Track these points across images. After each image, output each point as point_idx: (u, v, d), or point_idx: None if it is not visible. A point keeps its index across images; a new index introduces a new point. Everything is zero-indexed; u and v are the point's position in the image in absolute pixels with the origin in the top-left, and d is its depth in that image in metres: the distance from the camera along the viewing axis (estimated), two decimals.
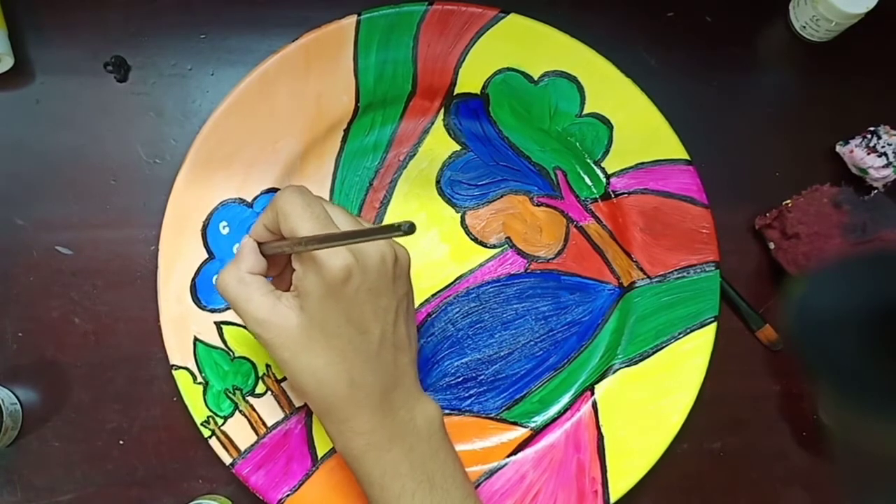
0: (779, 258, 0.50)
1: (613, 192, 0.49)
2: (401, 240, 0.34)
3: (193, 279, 0.46)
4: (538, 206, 0.50)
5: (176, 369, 0.45)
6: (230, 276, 0.39)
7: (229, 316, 0.46)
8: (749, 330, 0.51)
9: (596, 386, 0.48)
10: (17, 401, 0.47)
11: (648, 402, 0.47)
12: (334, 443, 0.39)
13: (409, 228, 0.30)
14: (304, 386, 0.38)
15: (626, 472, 0.46)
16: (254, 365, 0.46)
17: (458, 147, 0.49)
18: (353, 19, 0.47)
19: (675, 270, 0.48)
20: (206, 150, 0.46)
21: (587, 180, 0.50)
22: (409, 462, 0.38)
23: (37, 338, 0.48)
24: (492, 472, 0.46)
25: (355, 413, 0.38)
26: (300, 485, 0.45)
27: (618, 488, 0.46)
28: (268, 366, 0.46)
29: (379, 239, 0.34)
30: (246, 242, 0.40)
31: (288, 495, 0.45)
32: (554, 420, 0.48)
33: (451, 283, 0.49)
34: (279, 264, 0.41)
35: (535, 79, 0.49)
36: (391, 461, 0.38)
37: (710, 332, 0.47)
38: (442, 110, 0.49)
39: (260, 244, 0.40)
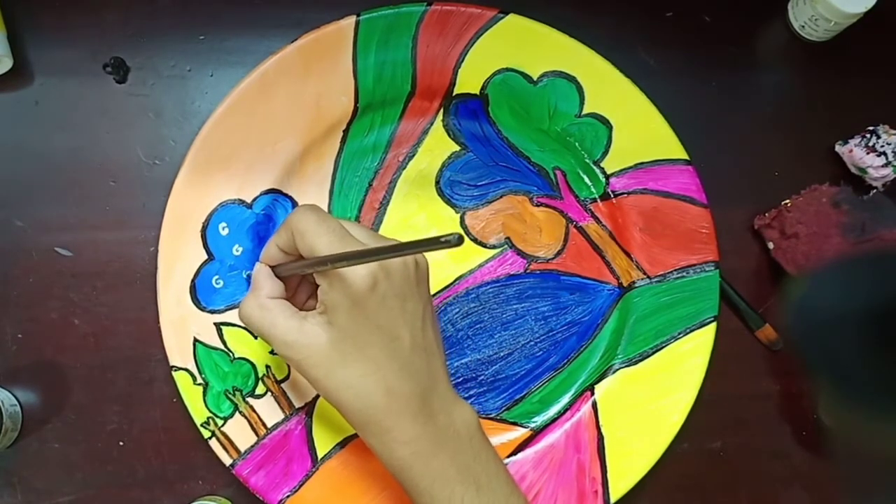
0: (778, 258, 0.50)
1: (613, 192, 0.49)
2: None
3: (193, 280, 0.46)
4: (538, 206, 0.50)
5: (176, 370, 0.45)
6: (251, 305, 0.38)
7: (229, 317, 0.46)
8: (749, 330, 0.51)
9: (596, 386, 0.48)
10: (16, 402, 0.47)
11: (648, 402, 0.47)
12: (380, 457, 0.39)
13: (458, 240, 0.27)
14: (342, 401, 0.37)
15: (626, 472, 0.46)
16: (254, 366, 0.46)
17: (457, 147, 0.49)
18: (351, 20, 0.47)
19: (675, 270, 0.48)
20: (206, 151, 0.46)
21: (586, 180, 0.50)
22: (456, 467, 0.38)
23: (36, 339, 0.48)
24: None
25: (396, 422, 0.37)
26: (300, 486, 0.45)
27: (618, 488, 0.46)
28: (268, 367, 0.46)
29: (422, 251, 0.32)
30: (259, 269, 0.39)
31: (288, 496, 0.45)
32: (554, 420, 0.48)
33: (451, 283, 0.49)
34: (292, 286, 0.41)
35: (535, 79, 0.49)
36: (438, 468, 0.38)
37: (709, 331, 0.47)
38: (441, 111, 0.49)
39: (274, 267, 0.39)
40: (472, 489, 0.38)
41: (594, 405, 0.47)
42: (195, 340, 0.45)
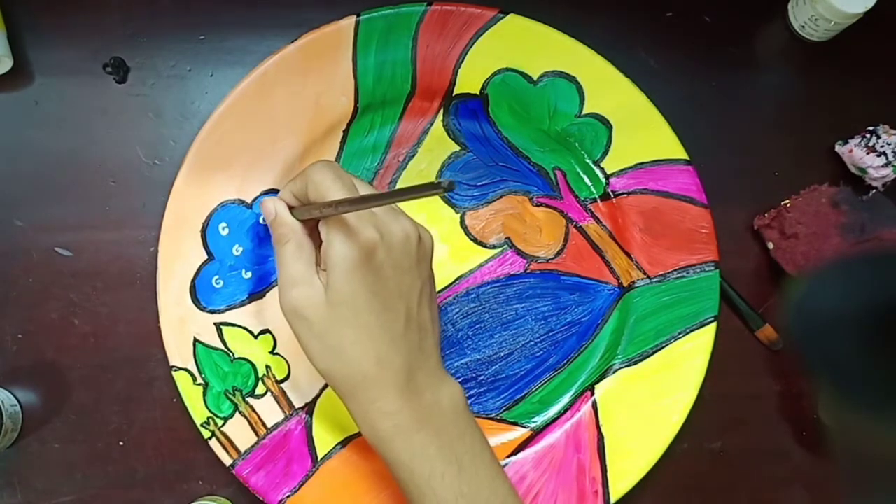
0: (778, 258, 0.50)
1: (613, 192, 0.49)
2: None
3: (193, 280, 0.46)
4: (538, 206, 0.50)
5: (176, 370, 0.45)
6: (292, 245, 0.38)
7: (229, 317, 0.46)
8: (749, 330, 0.51)
9: (596, 386, 0.48)
10: (16, 402, 0.47)
11: (648, 402, 0.47)
12: (360, 426, 0.38)
13: (449, 185, 0.29)
14: (331, 364, 0.37)
15: (626, 472, 0.46)
16: (254, 366, 0.46)
17: (457, 147, 0.49)
18: (351, 20, 0.47)
19: (675, 270, 0.48)
20: (206, 151, 0.46)
21: (586, 180, 0.50)
22: (438, 444, 0.38)
23: (36, 339, 0.48)
24: None
25: (382, 393, 0.37)
26: (300, 486, 0.45)
27: (618, 488, 0.46)
28: (268, 367, 0.46)
29: (417, 197, 0.33)
30: (280, 206, 0.39)
31: (288, 496, 0.45)
32: (554, 420, 0.48)
33: (451, 283, 0.49)
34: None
35: (535, 79, 0.49)
36: (420, 443, 0.37)
37: (709, 331, 0.47)
38: (441, 111, 0.49)
39: (291, 208, 0.39)
40: (454, 468, 0.37)
41: (594, 405, 0.47)
42: (195, 340, 0.45)
